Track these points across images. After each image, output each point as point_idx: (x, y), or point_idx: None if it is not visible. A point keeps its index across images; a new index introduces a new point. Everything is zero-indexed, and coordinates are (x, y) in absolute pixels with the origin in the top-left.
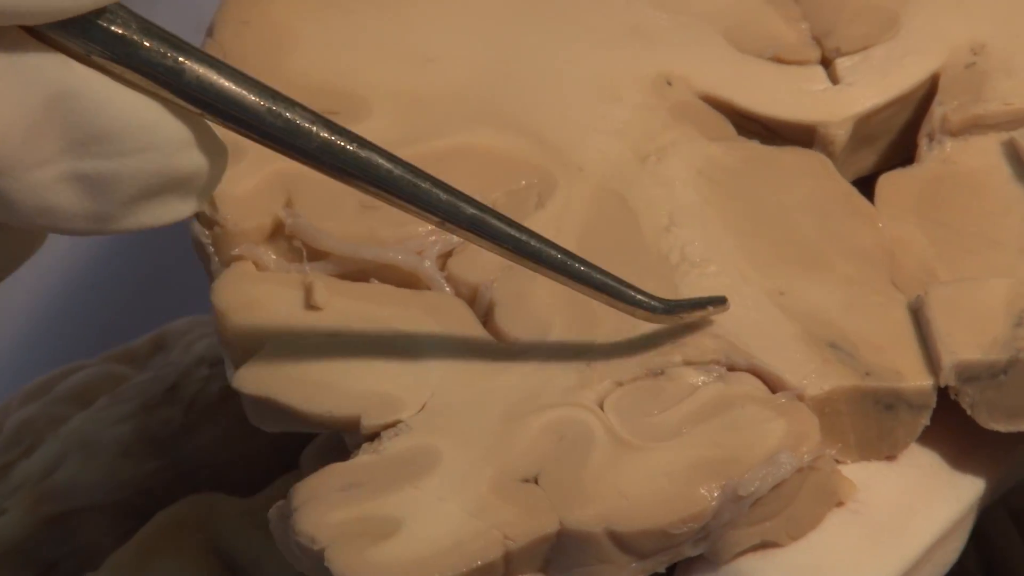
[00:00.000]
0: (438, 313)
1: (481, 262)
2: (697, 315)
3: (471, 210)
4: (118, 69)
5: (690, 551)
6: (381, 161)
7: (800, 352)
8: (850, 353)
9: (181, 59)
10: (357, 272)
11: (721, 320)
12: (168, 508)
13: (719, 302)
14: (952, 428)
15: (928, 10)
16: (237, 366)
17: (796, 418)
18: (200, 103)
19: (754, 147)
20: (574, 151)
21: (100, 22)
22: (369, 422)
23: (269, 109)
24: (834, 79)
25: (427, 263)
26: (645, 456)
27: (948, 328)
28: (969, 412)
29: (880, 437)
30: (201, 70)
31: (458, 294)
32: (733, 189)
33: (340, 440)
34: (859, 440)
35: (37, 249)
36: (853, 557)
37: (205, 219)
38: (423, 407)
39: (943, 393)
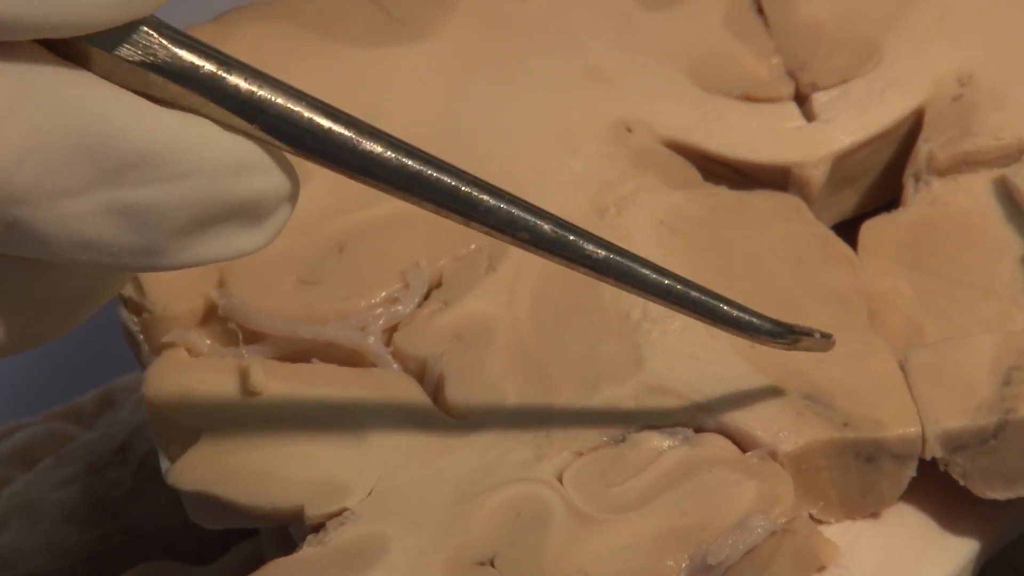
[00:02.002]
0: (384, 391)
1: (429, 334)
2: (806, 344)
3: (552, 228)
4: (157, 84)
5: None
6: (446, 179)
7: (772, 407)
8: (826, 404)
9: (233, 75)
10: (297, 353)
11: (686, 378)
12: None
13: (827, 337)
14: (942, 485)
15: (912, 39)
16: (172, 460)
17: (768, 479)
18: (250, 117)
19: (721, 193)
20: None
21: (135, 36)
22: (313, 512)
23: (329, 128)
24: (809, 116)
25: (371, 339)
26: (608, 530)
27: (930, 395)
28: (962, 483)
29: (863, 492)
30: (252, 83)
31: (405, 369)
32: (699, 239)
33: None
34: (841, 497)
35: (120, 285)
36: None
37: (133, 304)
38: (370, 492)
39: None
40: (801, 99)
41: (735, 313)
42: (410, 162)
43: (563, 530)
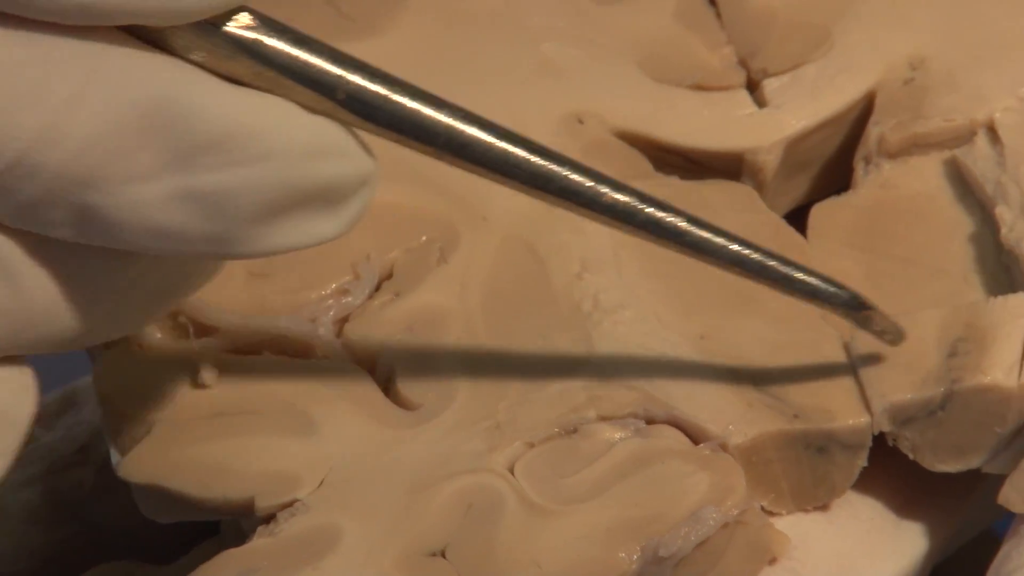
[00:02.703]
0: (335, 383)
1: (380, 326)
2: (877, 323)
3: (633, 203)
4: (236, 63)
5: None
6: (518, 151)
7: (723, 398)
8: (777, 395)
9: (309, 53)
10: (248, 345)
11: (638, 368)
12: None
13: (900, 333)
14: (896, 476)
15: (863, 24)
16: (123, 453)
17: (720, 470)
18: (330, 93)
19: (673, 184)
20: (479, 200)
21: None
22: (264, 503)
23: (412, 108)
24: (761, 102)
25: (321, 330)
26: (560, 521)
27: (876, 371)
28: (912, 456)
29: (815, 483)
30: (331, 61)
31: (356, 361)
32: None
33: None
34: (792, 488)
35: (211, 274)
36: None
37: None
38: (321, 483)
39: (885, 438)
40: (752, 86)
41: (812, 281)
42: (491, 138)
43: (515, 521)
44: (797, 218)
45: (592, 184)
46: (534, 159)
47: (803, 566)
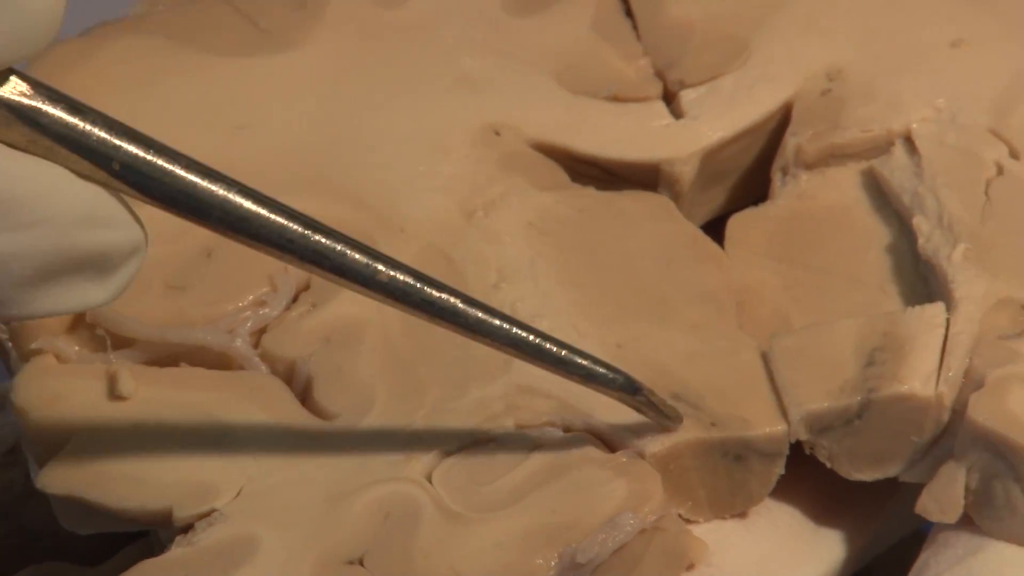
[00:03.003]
0: (253, 393)
1: (297, 336)
2: (656, 408)
3: (405, 279)
4: (11, 128)
5: None
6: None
7: None
8: (694, 404)
9: (85, 122)
10: (166, 357)
11: (554, 380)
12: None
13: (677, 417)
14: (815, 483)
15: (780, 35)
16: (41, 465)
17: (637, 477)
18: (103, 163)
19: (590, 194)
20: (396, 211)
21: None
22: (181, 513)
23: (189, 180)
24: (678, 113)
25: (238, 342)
26: (478, 528)
27: (794, 379)
28: (829, 465)
29: (732, 491)
30: (106, 130)
31: (274, 372)
32: (568, 240)
33: None
34: (710, 496)
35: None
36: None
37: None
38: (239, 493)
39: (799, 447)
40: (669, 98)
41: (588, 364)
42: (267, 212)
43: (433, 529)
44: (714, 229)
45: (368, 262)
46: (311, 235)
47: (721, 572)
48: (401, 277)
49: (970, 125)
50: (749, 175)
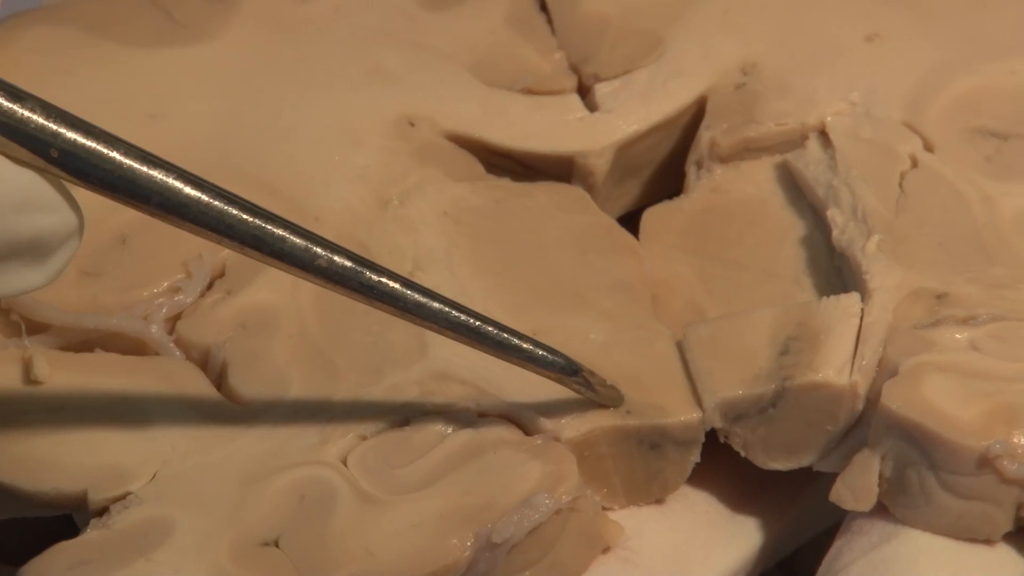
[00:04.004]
0: (167, 379)
1: (212, 322)
2: (595, 387)
3: (343, 261)
4: None
5: None
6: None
7: (556, 393)
8: None
9: (23, 109)
10: (81, 343)
11: (470, 364)
12: None
13: (617, 397)
14: (733, 471)
15: (696, 31)
16: None
17: (552, 458)
18: (40, 150)
19: (505, 185)
20: (311, 201)
21: None
22: (96, 496)
23: (127, 166)
24: (592, 107)
25: (153, 328)
26: (393, 510)
27: (708, 367)
28: (743, 454)
29: (648, 479)
30: (43, 115)
31: (189, 357)
32: (483, 230)
33: None
34: (625, 484)
35: None
36: None
37: None
38: (154, 477)
39: (716, 436)
40: (584, 91)
41: (527, 347)
42: (207, 197)
43: (348, 511)
44: (628, 223)
45: (308, 246)
46: (249, 220)
47: (637, 556)
48: (340, 261)
49: (884, 118)
50: (664, 169)
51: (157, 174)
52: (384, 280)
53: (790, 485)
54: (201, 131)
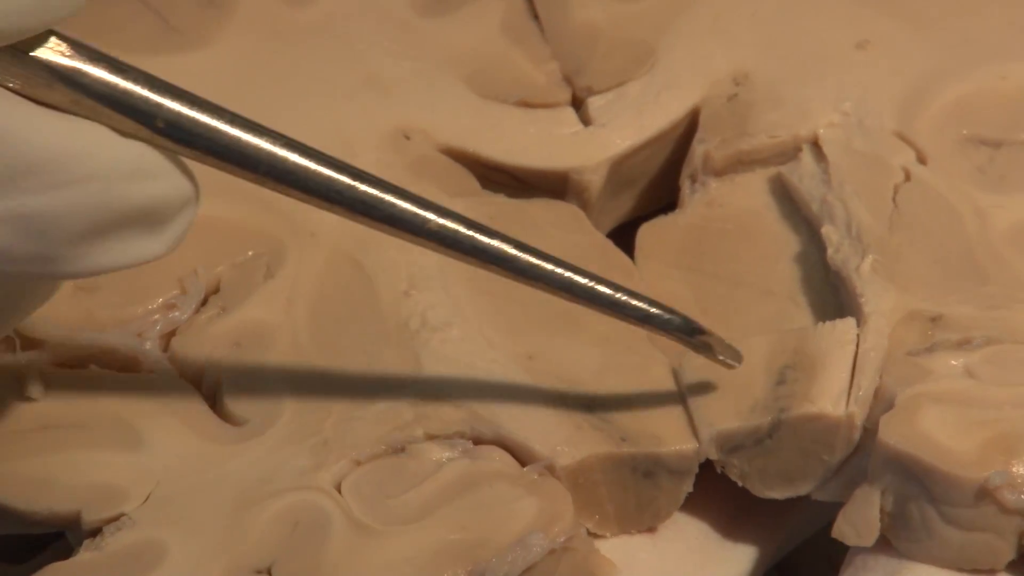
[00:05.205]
0: (161, 397)
1: (206, 340)
2: (714, 347)
3: (462, 228)
4: (53, 89)
5: None
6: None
7: (551, 419)
8: (605, 419)
9: (127, 81)
10: (75, 359)
11: (465, 387)
12: None
13: (737, 356)
14: (720, 497)
15: (687, 41)
16: None
17: (548, 496)
18: (146, 120)
19: (500, 202)
20: (306, 216)
21: (34, 42)
22: (90, 517)
23: (232, 135)
24: (586, 120)
25: (148, 345)
26: (387, 542)
27: (704, 399)
28: (741, 484)
29: (640, 507)
30: (147, 87)
31: (183, 375)
32: None
33: None
34: (618, 511)
35: (47, 295)
36: None
37: None
38: (148, 498)
39: (708, 461)
40: (578, 104)
41: (643, 306)
42: (315, 165)
43: (342, 540)
44: (621, 234)
45: (418, 211)
46: (359, 186)
47: None
48: (452, 225)
49: (877, 129)
50: (657, 181)
51: (264, 142)
52: (496, 243)
53: (780, 506)
54: None
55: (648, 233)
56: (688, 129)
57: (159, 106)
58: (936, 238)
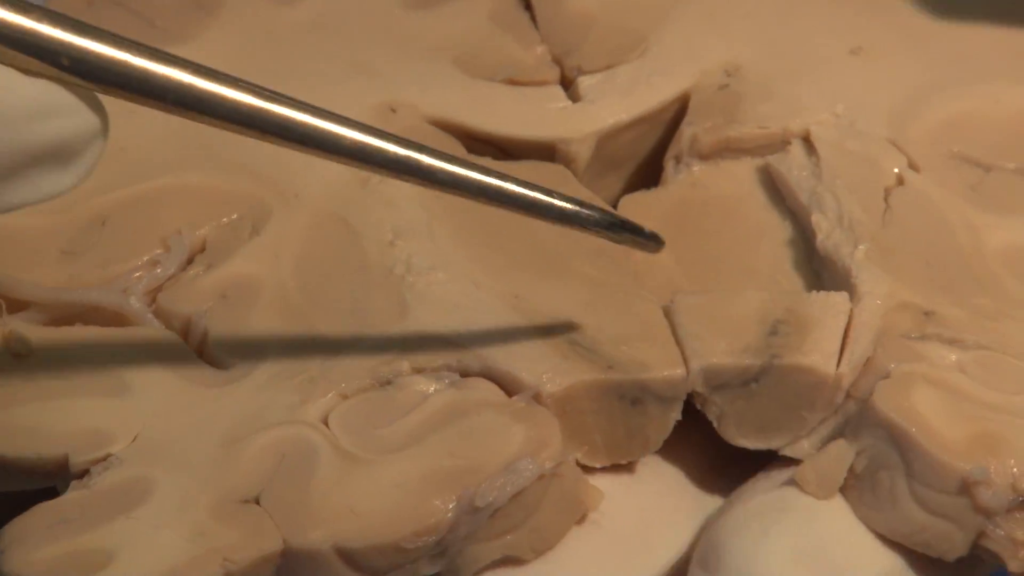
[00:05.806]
0: (148, 347)
1: (193, 294)
2: (634, 236)
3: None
4: None
5: (427, 568)
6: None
7: (537, 351)
8: (591, 348)
9: (30, 19)
10: (62, 318)
11: (452, 324)
12: None
13: (658, 240)
14: (701, 443)
15: (680, 31)
16: None
17: (536, 423)
18: (51, 59)
19: (486, 163)
20: (292, 181)
21: None
22: (77, 459)
23: (134, 63)
24: (575, 97)
25: (132, 300)
26: (375, 470)
27: (697, 332)
28: (716, 425)
29: (629, 436)
30: (56, 28)
31: (169, 328)
32: (463, 204)
33: None
34: (606, 440)
35: None
36: (598, 572)
37: None
38: (135, 439)
39: (691, 407)
40: (567, 83)
41: (565, 206)
42: (224, 89)
43: (330, 469)
44: None
45: (333, 128)
46: (272, 107)
47: (608, 520)
48: (364, 139)
49: (869, 133)
50: (645, 165)
51: (172, 70)
52: (405, 152)
53: (754, 463)
54: (180, 123)
55: (631, 204)
56: (677, 115)
57: (63, 44)
58: (929, 242)
